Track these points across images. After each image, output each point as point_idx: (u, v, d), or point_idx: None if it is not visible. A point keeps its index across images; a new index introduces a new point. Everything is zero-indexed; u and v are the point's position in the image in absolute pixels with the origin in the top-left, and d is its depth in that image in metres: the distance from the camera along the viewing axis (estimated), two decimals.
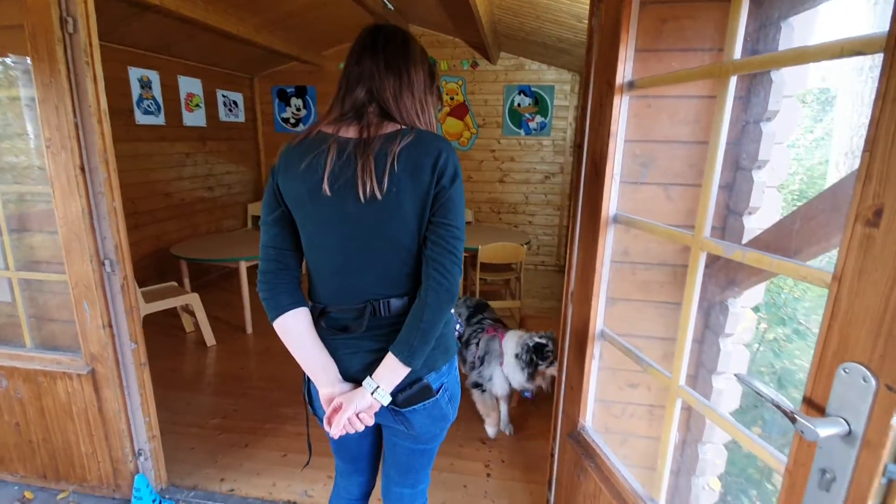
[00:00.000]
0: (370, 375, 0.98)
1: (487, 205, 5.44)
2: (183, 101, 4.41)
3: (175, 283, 3.43)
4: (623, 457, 1.44)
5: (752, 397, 2.70)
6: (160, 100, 4.12)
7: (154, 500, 1.83)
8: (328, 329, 1.03)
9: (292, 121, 5.55)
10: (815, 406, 0.66)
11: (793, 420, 0.62)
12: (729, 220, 1.33)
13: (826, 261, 1.01)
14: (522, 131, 5.18)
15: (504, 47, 4.84)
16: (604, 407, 1.50)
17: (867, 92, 2.45)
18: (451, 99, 5.19)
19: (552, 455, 1.59)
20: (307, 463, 1.37)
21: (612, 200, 1.20)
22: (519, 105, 5.11)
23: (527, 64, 5.01)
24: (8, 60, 1.56)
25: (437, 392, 1.05)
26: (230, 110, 5.12)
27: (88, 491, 1.92)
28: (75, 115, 1.49)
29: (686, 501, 1.48)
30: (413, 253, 0.97)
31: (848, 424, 0.61)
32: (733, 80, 0.84)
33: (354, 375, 1.03)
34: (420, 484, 1.23)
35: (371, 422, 0.99)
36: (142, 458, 1.87)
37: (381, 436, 1.24)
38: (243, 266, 3.44)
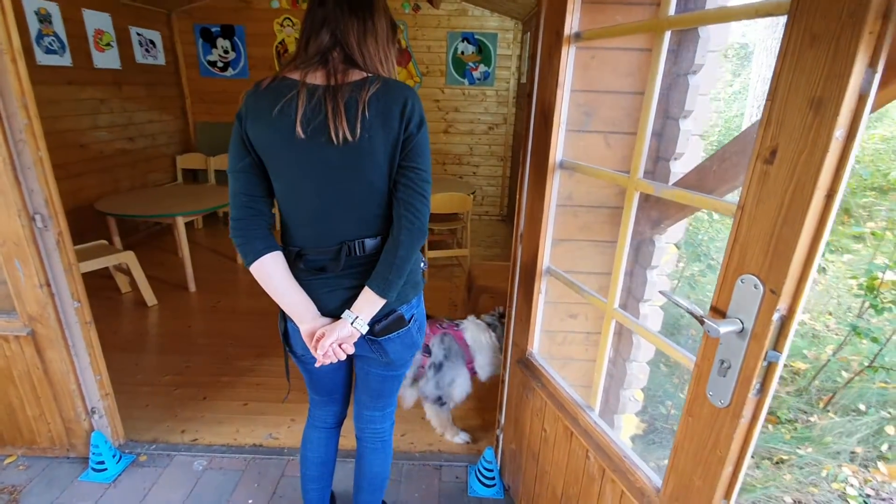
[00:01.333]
0: (349, 308, 1.07)
1: (433, 156, 5.42)
2: (91, 39, 3.93)
3: (105, 242, 3.21)
4: (564, 378, 1.64)
5: (670, 325, 3.07)
6: (63, 37, 3.65)
7: (114, 455, 1.84)
8: (306, 270, 1.09)
9: (220, 64, 5.13)
10: (718, 312, 0.81)
11: (701, 322, 0.77)
12: (658, 164, 1.48)
13: (733, 196, 1.18)
14: (466, 81, 5.14)
15: None
16: (548, 336, 1.68)
17: (777, 48, 2.69)
18: None
19: (502, 381, 1.76)
20: (287, 395, 1.42)
21: (559, 147, 1.30)
22: (462, 53, 5.04)
23: (470, 10, 4.91)
24: None
25: (409, 322, 1.17)
26: (147, 51, 4.63)
27: (39, 453, 1.88)
28: None
29: (615, 410, 1.72)
30: (385, 195, 1.04)
31: (742, 323, 0.77)
32: (668, 35, 0.93)
33: (333, 311, 1.10)
34: (388, 407, 1.37)
35: (351, 350, 1.09)
36: (96, 416, 1.85)
37: (352, 369, 1.35)
38: (180, 222, 3.28)
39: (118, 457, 1.86)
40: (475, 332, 1.96)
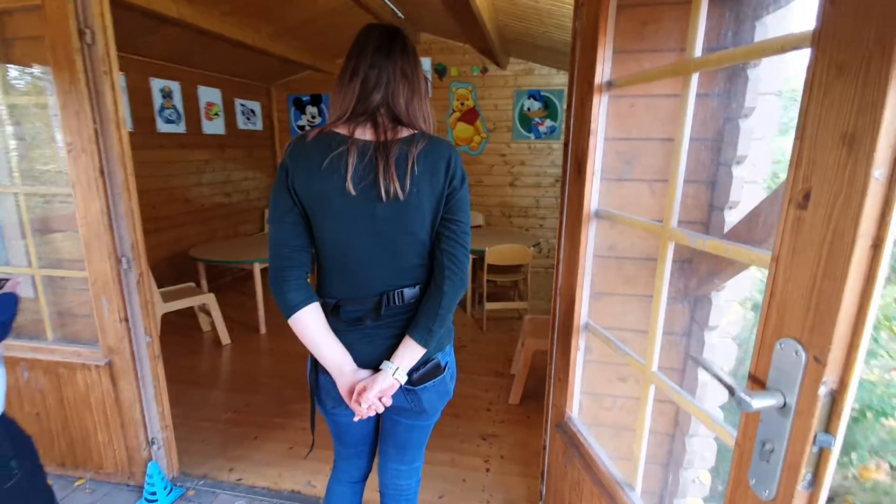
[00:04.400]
0: (387, 359, 1.06)
1: (498, 209, 5.48)
2: (203, 110, 4.59)
3: (193, 284, 3.57)
4: (614, 449, 1.46)
5: None
6: (181, 109, 4.31)
7: (165, 487, 1.93)
8: (342, 322, 1.08)
9: (307, 127, 5.71)
10: (757, 381, 0.69)
11: (731, 393, 0.66)
12: (712, 214, 1.35)
13: None
14: (532, 135, 5.22)
15: (513, 52, 4.91)
16: (594, 400, 1.53)
17: None
18: (462, 104, 5.27)
19: (544, 447, 1.62)
20: (310, 450, 1.40)
21: (594, 196, 1.24)
22: (529, 109, 5.16)
23: (536, 69, 5.06)
24: (36, 71, 1.69)
25: (445, 369, 1.15)
26: (248, 118, 5.30)
27: (104, 478, 2.03)
28: (94, 121, 1.61)
29: (674, 494, 1.50)
30: (427, 247, 1.06)
31: (784, 396, 0.64)
32: (695, 77, 0.88)
33: (370, 363, 1.09)
34: (416, 462, 1.32)
35: (390, 402, 1.07)
36: (155, 447, 1.97)
37: (379, 421, 1.32)
38: (257, 268, 3.55)
39: (169, 489, 1.94)
40: None
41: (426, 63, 5.18)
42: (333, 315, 1.08)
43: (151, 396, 1.92)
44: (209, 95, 4.66)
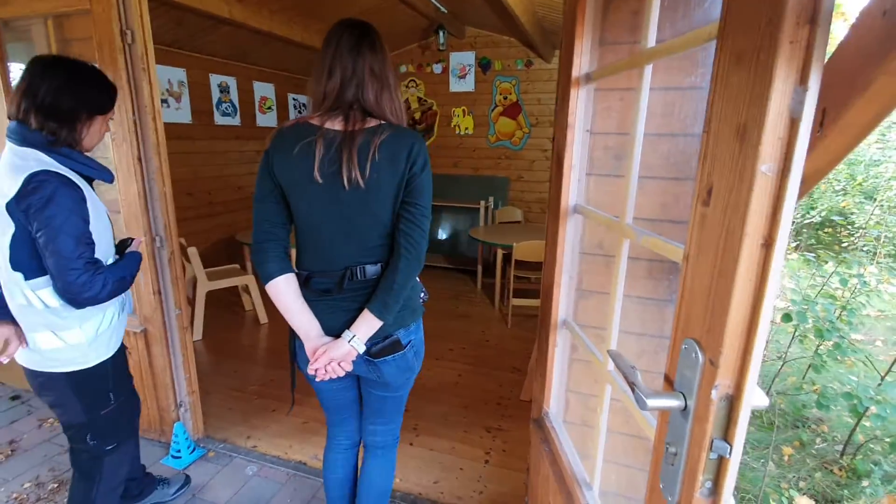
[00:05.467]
0: (348, 328, 1.16)
1: (537, 205, 5.39)
2: (257, 104, 4.89)
3: (237, 266, 3.84)
4: (571, 444, 1.44)
5: (791, 417, 2.47)
6: (237, 103, 4.62)
7: (189, 447, 2.12)
8: (312, 292, 1.20)
9: None
10: (669, 382, 0.67)
11: (632, 388, 0.65)
12: None
13: None
14: None
15: (558, 45, 4.78)
16: (580, 399, 1.50)
17: None
18: (505, 98, 5.22)
19: (531, 442, 1.61)
20: (291, 408, 1.63)
21: (573, 191, 1.22)
22: None
23: None
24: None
25: (406, 346, 1.24)
26: (300, 112, 5.57)
27: (142, 434, 2.26)
28: (133, 113, 1.79)
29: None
30: (388, 227, 1.15)
31: (685, 399, 0.62)
32: (648, 69, 0.85)
33: (334, 331, 1.19)
34: (390, 423, 1.42)
35: (349, 368, 1.17)
36: (182, 409, 2.17)
37: (360, 390, 1.42)
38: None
39: (192, 448, 2.14)
40: None
41: (471, 57, 5.19)
42: (305, 286, 1.19)
43: (180, 363, 2.11)
44: (263, 90, 4.96)
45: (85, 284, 1.16)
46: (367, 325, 1.14)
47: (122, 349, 1.50)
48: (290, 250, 1.24)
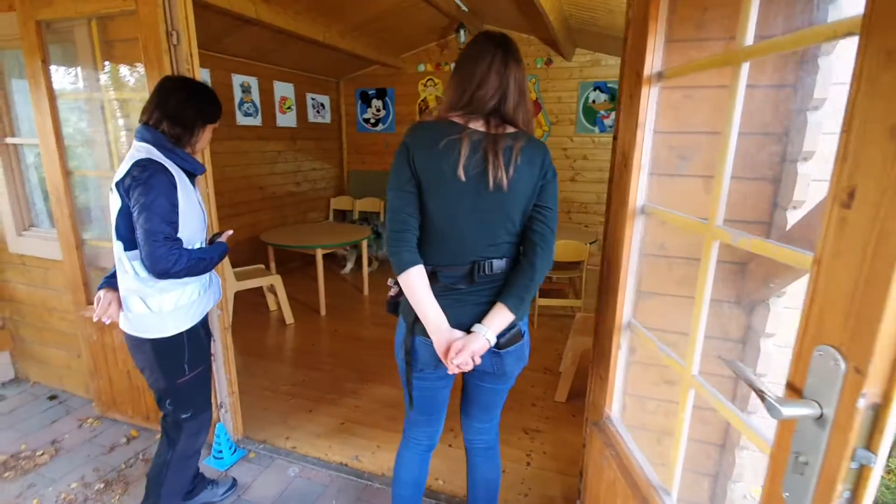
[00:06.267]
0: (479, 322, 1.19)
1: (560, 204, 5.35)
2: (277, 104, 4.90)
3: (262, 266, 3.85)
4: (658, 455, 1.42)
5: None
6: (258, 103, 4.63)
7: (231, 447, 2.13)
8: (440, 286, 1.22)
9: (372, 121, 5.91)
10: (794, 389, 0.65)
11: (761, 398, 0.63)
12: (775, 214, 1.26)
13: None
14: (597, 129, 5.04)
15: (579, 43, 4.75)
16: (638, 402, 1.49)
17: None
18: None
19: (584, 445, 1.60)
20: (409, 408, 1.41)
21: (640, 191, 1.20)
22: (594, 102, 4.98)
23: (603, 59, 4.87)
24: (140, 69, 1.90)
25: (523, 336, 1.28)
26: (318, 112, 5.58)
27: None
28: None
29: None
30: (516, 226, 1.21)
31: (820, 407, 0.61)
32: (745, 67, 0.83)
33: (463, 325, 1.21)
34: (495, 419, 1.47)
35: (479, 361, 1.18)
36: (223, 410, 2.17)
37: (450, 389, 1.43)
38: (319, 254, 3.76)
39: (234, 449, 2.14)
40: None
41: None
42: (431, 280, 1.20)
43: (221, 364, 2.11)
44: (283, 90, 4.96)
45: (161, 257, 1.31)
46: (501, 318, 1.18)
47: (204, 329, 1.61)
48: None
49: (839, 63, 1.04)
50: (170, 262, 1.33)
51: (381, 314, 3.99)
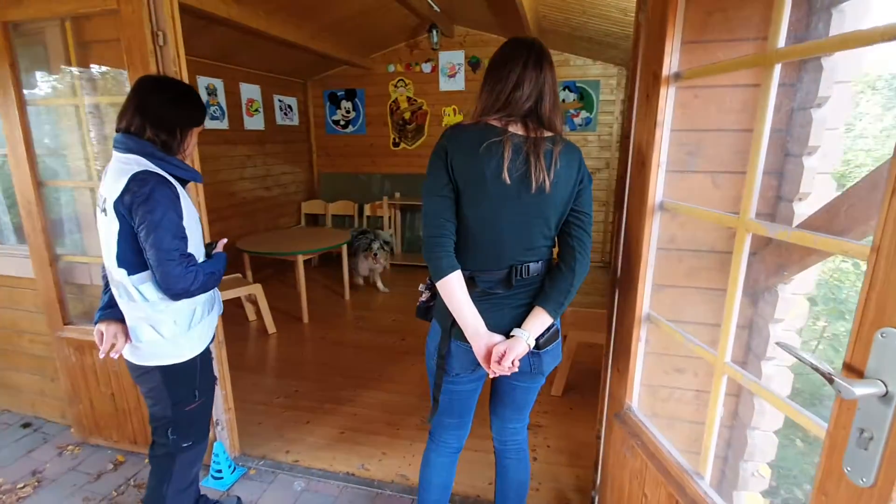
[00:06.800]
0: (518, 327, 1.20)
1: None
2: (244, 107, 4.73)
3: (240, 275, 3.71)
4: (673, 440, 1.47)
5: (807, 393, 2.61)
6: (224, 105, 4.45)
7: (230, 465, 2.04)
8: (477, 291, 1.22)
9: (342, 122, 5.80)
10: (854, 370, 0.70)
11: (830, 381, 0.67)
12: (779, 206, 1.34)
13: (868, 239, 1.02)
14: (567, 127, 5.16)
15: (550, 44, 4.84)
16: (650, 391, 1.54)
17: None
18: None
19: (598, 437, 1.64)
20: (432, 415, 1.39)
21: (658, 188, 1.25)
22: (563, 101, 5.10)
23: (571, 59, 4.99)
24: (124, 74, 1.77)
25: (559, 334, 1.31)
26: (285, 114, 5.42)
27: None
28: None
29: (734, 485, 1.50)
30: (552, 230, 1.21)
31: (885, 386, 0.65)
32: (777, 68, 0.88)
33: (501, 329, 1.21)
34: (527, 418, 1.51)
35: (517, 366, 1.18)
36: (219, 428, 2.08)
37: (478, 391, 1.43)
38: (300, 259, 3.66)
39: (233, 468, 2.05)
40: None
41: (460, 56, 5.19)
42: (469, 285, 1.20)
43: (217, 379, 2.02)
44: (250, 92, 4.79)
45: (179, 276, 1.23)
46: (540, 322, 1.19)
47: (209, 350, 1.52)
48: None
49: (842, 63, 1.11)
50: (188, 280, 1.25)
51: (365, 318, 3.94)
